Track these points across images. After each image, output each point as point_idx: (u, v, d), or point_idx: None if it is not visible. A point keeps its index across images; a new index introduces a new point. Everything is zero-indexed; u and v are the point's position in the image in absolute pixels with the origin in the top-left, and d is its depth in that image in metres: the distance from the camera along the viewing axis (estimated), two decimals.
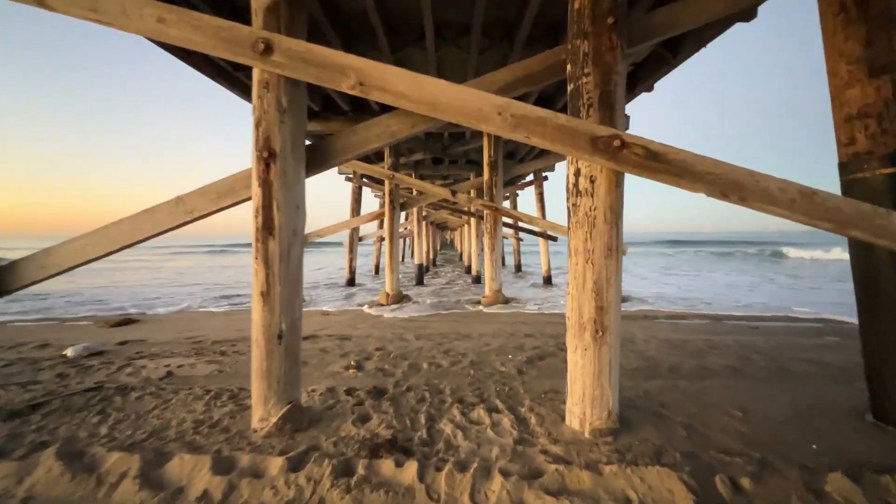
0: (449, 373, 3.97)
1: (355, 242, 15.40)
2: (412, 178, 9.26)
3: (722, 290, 11.45)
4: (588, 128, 2.60)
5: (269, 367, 2.81)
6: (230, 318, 7.17)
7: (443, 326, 6.12)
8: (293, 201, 2.86)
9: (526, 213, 10.79)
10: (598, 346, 2.76)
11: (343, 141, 3.10)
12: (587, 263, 2.76)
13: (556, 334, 5.54)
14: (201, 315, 7.57)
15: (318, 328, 6.08)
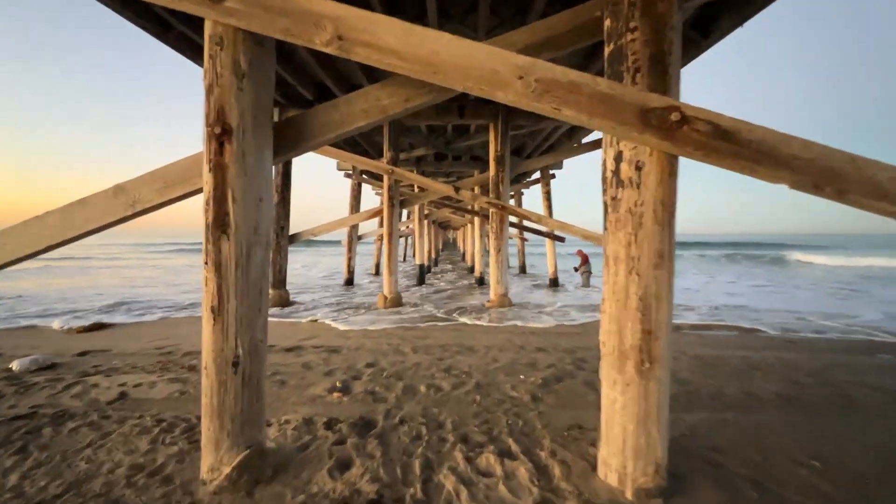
0: (450, 398, 3.36)
1: (354, 241, 14.80)
2: (413, 173, 8.65)
3: (740, 296, 10.79)
4: (637, 97, 1.98)
5: (222, 403, 2.20)
6: None
7: (444, 337, 5.51)
8: (254, 191, 2.25)
9: (534, 212, 10.16)
10: (644, 382, 2.14)
11: (321, 117, 2.49)
12: (630, 274, 2.14)
13: (572, 348, 4.92)
14: (183, 321, 6.98)
15: (304, 337, 5.47)
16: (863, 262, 24.49)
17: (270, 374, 3.89)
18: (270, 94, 2.37)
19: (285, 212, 8.63)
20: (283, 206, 8.58)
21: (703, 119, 1.94)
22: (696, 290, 11.91)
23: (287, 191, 8.64)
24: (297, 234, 8.92)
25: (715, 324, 6.46)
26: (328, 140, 2.52)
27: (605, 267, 2.28)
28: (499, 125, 8.24)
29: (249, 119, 2.22)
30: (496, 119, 8.26)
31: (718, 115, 1.94)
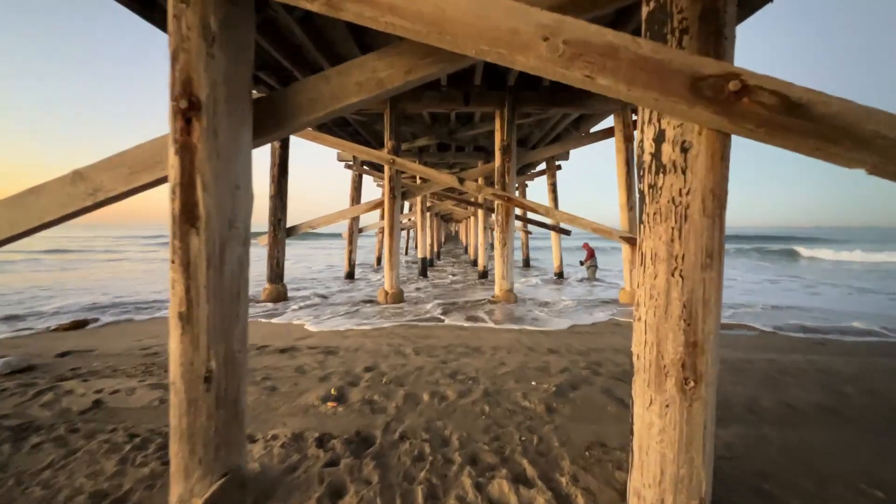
0: (456, 409, 3.05)
1: (355, 234, 14.48)
2: (415, 163, 8.29)
3: (757, 294, 10.44)
4: (688, 62, 1.62)
5: (192, 424, 1.88)
6: None
7: (448, 336, 5.19)
8: (229, 177, 1.92)
9: (541, 203, 9.81)
10: (687, 403, 1.81)
11: (309, 92, 2.14)
12: (673, 276, 1.81)
13: (585, 349, 4.60)
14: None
15: (300, 337, 5.17)
16: (872, 257, 23.99)
17: (260, 380, 3.58)
18: (248, 64, 2.03)
19: (282, 203, 8.30)
20: (279, 197, 8.25)
21: (770, 89, 1.58)
22: None
23: (284, 181, 8.30)
24: (295, 227, 8.60)
25: (733, 323, 6.12)
26: (317, 119, 2.18)
27: (640, 267, 1.95)
28: (505, 113, 7.86)
29: (222, 92, 1.88)
30: (502, 106, 7.87)
31: (788, 84, 1.59)
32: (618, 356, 4.35)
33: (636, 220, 8.33)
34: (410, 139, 12.23)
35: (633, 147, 8.02)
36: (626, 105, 7.84)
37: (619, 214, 8.12)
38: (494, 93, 7.88)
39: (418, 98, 7.96)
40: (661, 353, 1.85)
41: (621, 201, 8.07)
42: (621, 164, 8.05)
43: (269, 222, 8.27)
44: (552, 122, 10.51)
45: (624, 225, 7.99)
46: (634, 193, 8.00)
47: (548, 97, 7.89)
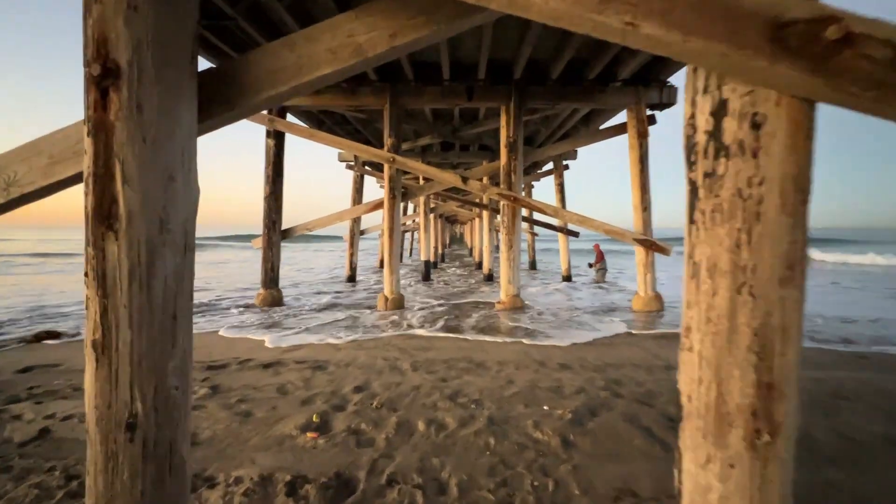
0: (457, 441, 2.61)
1: (356, 236, 14.09)
2: (417, 162, 7.88)
3: None
4: (766, 1, 1.18)
5: (110, 485, 1.46)
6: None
7: (449, 348, 4.76)
8: (161, 166, 1.49)
9: (550, 204, 9.36)
10: (759, 463, 1.36)
11: (269, 61, 1.72)
12: (739, 293, 1.35)
13: (601, 364, 4.14)
14: None
15: (288, 348, 4.75)
16: (888, 260, 23.15)
17: (235, 402, 3.16)
18: (188, 20, 1.60)
19: (277, 204, 7.91)
20: (274, 198, 7.86)
21: (882, 38, 1.13)
22: None
23: (279, 181, 7.91)
24: (291, 229, 8.21)
25: None
26: (281, 95, 1.75)
27: (691, 280, 1.50)
28: (511, 108, 7.42)
29: (150, 55, 1.46)
30: (508, 101, 7.43)
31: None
32: (638, 373, 3.88)
33: (650, 222, 7.88)
34: (412, 138, 11.82)
35: (647, 144, 7.54)
36: (640, 99, 7.37)
37: (633, 215, 7.64)
38: (500, 87, 7.45)
39: (419, 93, 7.55)
40: (723, 396, 1.39)
41: (635, 202, 7.59)
42: (635, 162, 7.57)
43: (263, 224, 7.88)
44: (560, 118, 10.06)
45: (638, 227, 7.51)
46: (649, 193, 7.53)
47: (556, 91, 7.45)
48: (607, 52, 6.48)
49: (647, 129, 7.46)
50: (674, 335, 5.44)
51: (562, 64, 6.72)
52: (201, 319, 6.49)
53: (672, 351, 4.65)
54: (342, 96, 7.63)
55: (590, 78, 7.13)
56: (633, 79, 7.27)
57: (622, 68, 6.90)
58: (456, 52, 6.80)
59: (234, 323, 6.16)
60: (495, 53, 6.76)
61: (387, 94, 7.50)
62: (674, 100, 7.47)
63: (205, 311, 7.28)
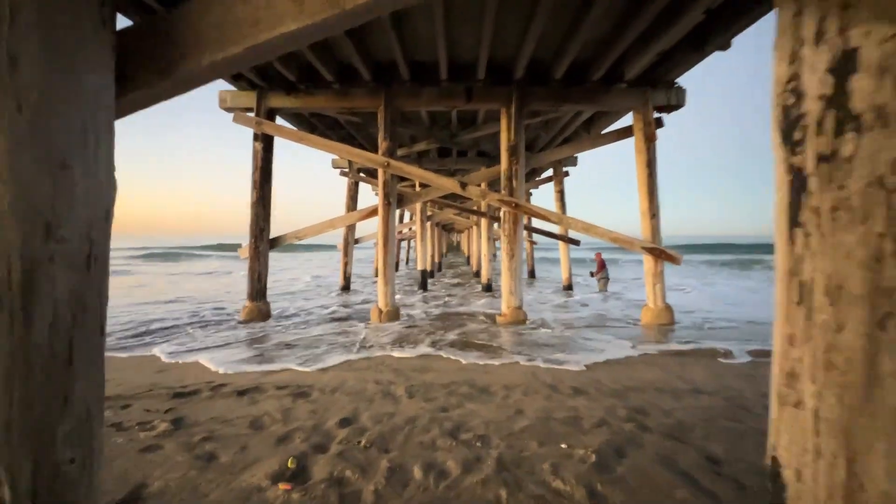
0: (461, 493, 2.15)
1: (350, 244, 13.64)
2: (412, 167, 7.47)
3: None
4: None
5: None
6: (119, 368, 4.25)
7: (449, 370, 4.30)
8: (48, 148, 1.06)
9: (553, 211, 9.01)
10: None
11: (216, 15, 1.29)
12: (883, 329, 0.93)
13: (620, 388, 3.70)
14: (127, 362, 5.61)
15: (269, 370, 4.27)
16: None
17: (198, 441, 2.69)
18: None
19: (265, 212, 7.46)
20: (262, 204, 7.41)
21: None
22: (728, 305, 10.62)
23: (267, 187, 7.47)
24: (280, 238, 7.75)
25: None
26: (233, 59, 1.33)
27: (795, 307, 1.07)
28: (512, 110, 7.05)
29: None
30: (509, 103, 7.07)
31: None
32: (663, 399, 3.44)
33: (659, 229, 7.49)
34: (409, 143, 11.44)
35: (654, 148, 7.18)
36: (647, 101, 7.03)
37: (640, 222, 7.24)
38: (500, 88, 7.09)
39: (416, 95, 7.18)
40: (859, 479, 0.96)
41: (642, 208, 7.20)
42: (642, 167, 7.20)
43: (250, 232, 7.43)
44: (561, 122, 9.72)
45: (646, 234, 7.12)
46: (657, 199, 7.14)
47: (559, 92, 7.09)
48: (613, 51, 6.13)
49: (655, 132, 7.10)
50: (693, 352, 5.01)
51: (565, 63, 6.36)
52: (174, 338, 5.98)
53: (696, 371, 4.21)
54: (334, 97, 7.24)
55: (594, 78, 6.77)
56: (639, 79, 6.92)
57: (629, 68, 6.55)
58: (454, 50, 6.44)
59: (216, 342, 5.65)
60: (495, 52, 6.41)
61: (381, 96, 7.13)
62: (682, 101, 7.12)
63: (178, 328, 6.78)
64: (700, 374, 4.11)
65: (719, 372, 4.22)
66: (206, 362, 4.53)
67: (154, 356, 4.86)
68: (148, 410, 3.18)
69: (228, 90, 7.39)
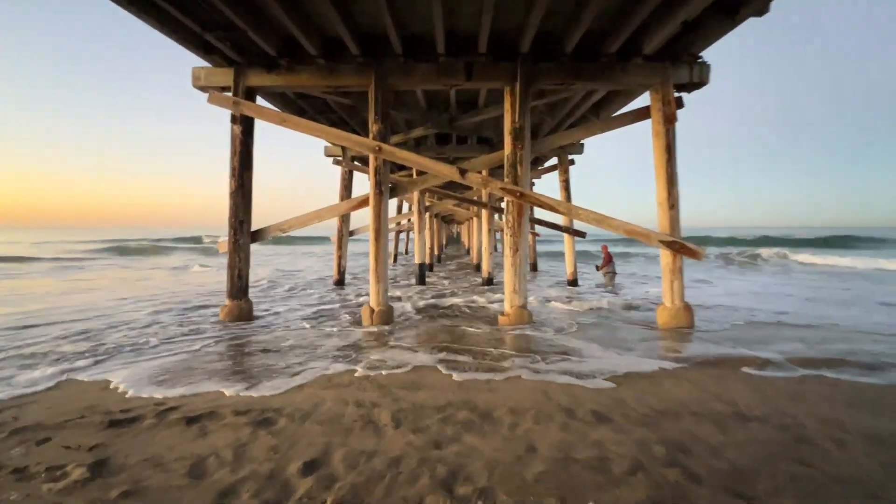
0: None
1: (345, 237, 12.98)
2: (406, 152, 6.77)
3: (804, 306, 8.87)
4: None
5: None
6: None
7: (445, 386, 3.66)
8: None
9: (562, 201, 8.33)
10: None
11: None
12: None
13: (651, 414, 3.07)
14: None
15: (231, 389, 3.62)
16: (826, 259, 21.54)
17: (117, 497, 2.06)
18: None
19: (245, 202, 6.79)
20: (241, 194, 6.74)
21: None
22: (742, 298, 9.98)
23: (247, 174, 6.79)
24: (262, 230, 7.09)
25: (834, 358, 4.56)
26: None
27: None
28: (517, 89, 6.34)
29: None
30: (513, 81, 6.36)
31: None
32: (705, 429, 2.81)
33: (678, 221, 6.83)
34: (405, 129, 10.73)
35: (674, 130, 6.48)
36: (668, 78, 6.31)
37: (657, 213, 6.57)
38: (504, 64, 6.37)
39: (410, 72, 6.46)
40: None
41: (660, 198, 6.53)
42: (660, 152, 6.51)
43: (229, 225, 6.77)
44: (569, 105, 9.01)
45: (663, 226, 6.45)
46: (677, 187, 6.46)
47: (570, 69, 6.37)
48: (632, 19, 5.42)
49: (676, 112, 6.40)
50: (724, 362, 4.38)
51: (577, 35, 5.64)
52: (127, 347, 5.34)
53: (735, 388, 3.58)
54: (319, 75, 6.53)
55: (609, 52, 6.05)
56: (659, 53, 6.20)
57: (648, 41, 5.83)
58: (452, 21, 5.73)
59: (179, 350, 4.99)
60: (499, 23, 5.69)
61: (371, 72, 6.41)
62: (706, 78, 6.40)
63: (135, 335, 6.14)
64: (740, 393, 3.48)
65: (762, 389, 3.59)
66: (157, 378, 3.88)
67: (100, 371, 4.16)
68: (68, 447, 2.56)
69: (202, 66, 6.67)
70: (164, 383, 3.71)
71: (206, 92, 6.67)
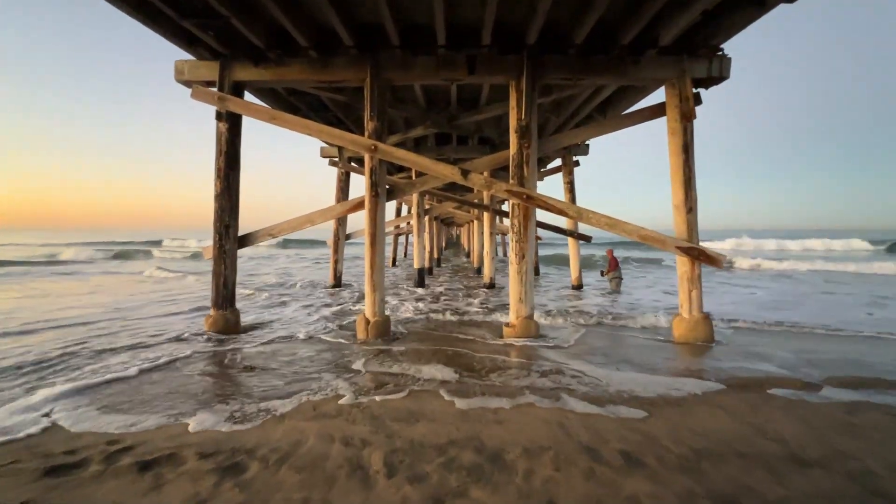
0: None
1: (341, 241, 12.56)
2: (404, 151, 6.32)
3: (821, 313, 8.40)
4: None
5: None
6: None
7: (446, 418, 3.19)
8: None
9: (573, 204, 7.91)
10: None
11: None
12: None
13: (689, 456, 2.61)
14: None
15: (195, 427, 3.13)
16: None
17: None
18: None
19: (231, 205, 6.33)
20: (227, 196, 6.28)
21: None
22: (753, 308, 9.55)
23: (234, 175, 6.34)
24: (250, 235, 6.63)
25: (881, 378, 4.10)
26: None
27: None
28: (523, 84, 5.90)
29: None
30: (519, 75, 5.91)
31: None
32: (756, 477, 2.36)
33: (696, 225, 6.39)
34: (403, 128, 10.30)
35: (692, 128, 6.04)
36: (685, 72, 5.87)
37: (674, 217, 6.12)
38: (509, 57, 5.93)
39: (408, 65, 6.02)
40: None
41: (676, 201, 6.08)
42: (676, 152, 6.06)
43: (214, 229, 6.31)
44: (575, 103, 8.57)
45: (680, 231, 6.00)
46: (694, 190, 6.02)
47: (579, 62, 5.94)
48: (647, 10, 4.99)
49: (694, 109, 5.96)
50: (760, 384, 3.91)
51: (588, 24, 5.20)
52: (86, 367, 4.84)
53: (779, 419, 3.13)
54: (311, 69, 6.08)
55: (622, 44, 5.61)
56: (676, 45, 5.76)
57: (665, 31, 5.39)
58: (454, 9, 5.27)
59: (141, 369, 4.45)
60: (504, 12, 5.25)
61: (367, 66, 5.97)
62: (726, 73, 5.96)
63: (110, 346, 5.66)
64: (785, 425, 3.03)
65: (808, 420, 3.13)
66: (114, 406, 3.40)
67: (44, 399, 3.52)
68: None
69: (186, 59, 6.23)
70: (121, 412, 3.23)
71: (190, 87, 6.22)
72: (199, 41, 5.81)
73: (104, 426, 3.00)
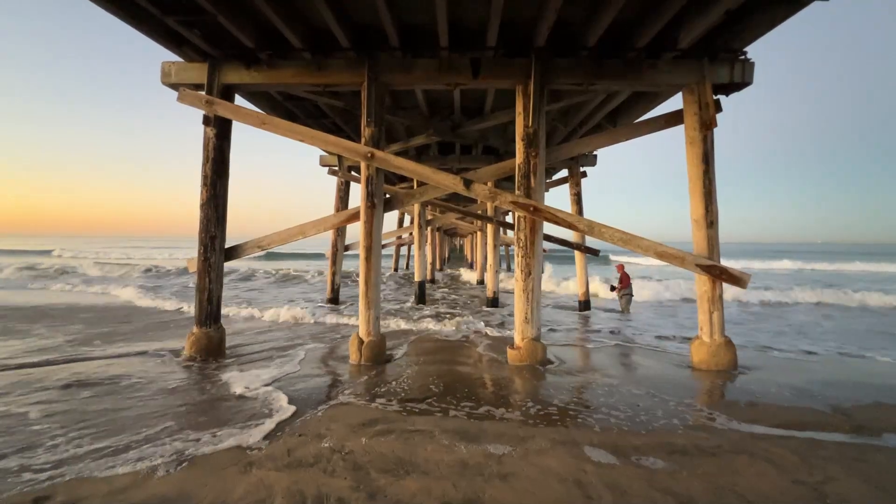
0: None
1: (340, 252, 12.14)
2: (403, 159, 5.92)
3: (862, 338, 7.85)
4: None
5: None
6: None
7: (442, 469, 2.71)
8: None
9: (584, 218, 7.49)
10: None
11: None
12: None
13: None
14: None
15: (146, 465, 2.68)
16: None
17: None
18: None
19: (217, 215, 5.92)
20: (213, 205, 5.88)
21: None
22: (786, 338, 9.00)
23: (221, 183, 5.94)
24: (238, 247, 6.21)
25: None
26: None
27: None
28: (530, 89, 5.50)
29: None
30: (527, 79, 5.52)
31: None
32: None
33: (717, 242, 5.92)
34: (404, 137, 9.94)
35: (712, 137, 5.61)
36: (705, 77, 5.46)
37: (693, 232, 5.66)
38: (515, 60, 5.54)
39: (409, 68, 5.65)
40: None
41: (695, 214, 5.62)
42: (695, 163, 5.63)
43: (199, 240, 5.90)
44: (585, 111, 8.16)
45: (700, 248, 5.54)
46: (715, 203, 5.57)
47: (592, 66, 5.54)
48: (667, 9, 4.61)
49: (714, 117, 5.53)
50: (799, 423, 3.41)
51: (601, 25, 4.81)
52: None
53: (839, 474, 2.62)
54: (305, 71, 5.72)
55: (637, 46, 5.22)
56: (695, 48, 5.37)
57: (684, 34, 5.00)
58: (457, 9, 4.90)
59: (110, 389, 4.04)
60: (511, 12, 4.85)
61: (364, 68, 5.59)
62: (749, 78, 5.54)
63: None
64: (853, 489, 2.52)
65: (877, 480, 2.63)
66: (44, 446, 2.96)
67: None
68: None
69: (174, 61, 5.88)
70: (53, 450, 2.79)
71: (177, 90, 5.87)
72: (186, 42, 5.47)
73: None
